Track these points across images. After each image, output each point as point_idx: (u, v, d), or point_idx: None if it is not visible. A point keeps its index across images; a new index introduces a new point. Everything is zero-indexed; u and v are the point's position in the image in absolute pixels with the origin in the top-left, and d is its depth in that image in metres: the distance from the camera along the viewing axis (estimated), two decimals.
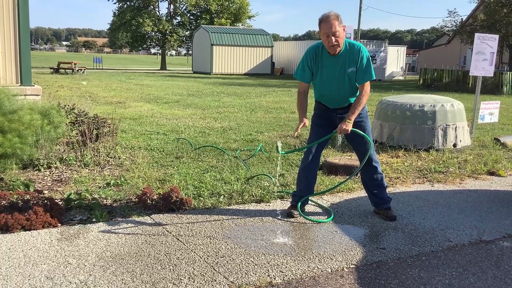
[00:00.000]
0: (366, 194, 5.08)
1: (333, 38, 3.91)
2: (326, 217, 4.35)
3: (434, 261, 3.50)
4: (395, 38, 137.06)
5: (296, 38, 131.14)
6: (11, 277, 3.05)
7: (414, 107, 7.46)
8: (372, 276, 3.22)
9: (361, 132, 4.17)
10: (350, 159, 6.22)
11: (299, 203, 4.35)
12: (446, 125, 7.42)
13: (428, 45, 72.37)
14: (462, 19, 36.32)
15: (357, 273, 3.26)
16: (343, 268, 3.34)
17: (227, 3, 48.29)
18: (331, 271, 3.29)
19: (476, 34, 8.64)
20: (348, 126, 4.03)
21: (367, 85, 4.12)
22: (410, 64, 50.70)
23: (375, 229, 4.11)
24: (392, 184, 5.56)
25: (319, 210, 4.60)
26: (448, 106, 7.51)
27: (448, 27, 36.62)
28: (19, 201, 4.16)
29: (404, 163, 6.51)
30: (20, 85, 7.44)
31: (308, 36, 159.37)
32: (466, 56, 40.69)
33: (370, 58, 4.13)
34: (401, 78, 36.80)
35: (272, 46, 37.07)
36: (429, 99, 7.81)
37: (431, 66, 29.23)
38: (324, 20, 3.93)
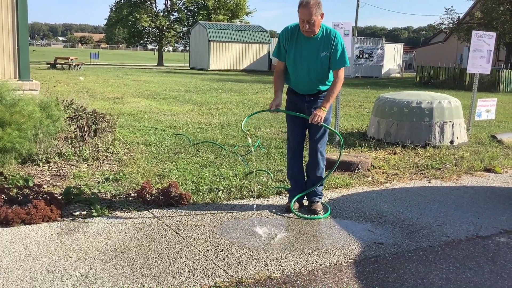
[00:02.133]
0: (364, 190, 5.14)
1: (307, 25, 3.94)
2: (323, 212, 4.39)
3: (432, 256, 3.54)
4: (392, 36, 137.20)
5: None
6: (12, 270, 3.07)
7: (412, 104, 7.50)
8: (370, 270, 3.25)
9: (333, 129, 4.39)
10: (348, 155, 6.25)
11: (292, 202, 4.38)
12: (443, 122, 7.46)
13: (425, 43, 72.48)
14: (459, 16, 36.41)
15: (355, 267, 3.29)
16: (341, 262, 3.37)
17: None
18: (330, 265, 3.32)
19: (474, 32, 8.67)
20: (323, 113, 4.07)
21: (341, 71, 4.16)
22: (407, 62, 50.78)
23: (373, 224, 4.15)
24: (390, 180, 5.59)
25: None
26: (445, 103, 7.55)
27: (445, 24, 36.68)
28: (19, 196, 4.17)
29: (401, 160, 6.55)
30: (18, 80, 7.43)
31: None
32: (463, 53, 40.79)
33: (345, 48, 4.18)
34: (398, 75, 36.88)
35: (269, 43, 37.05)
36: (426, 96, 7.85)
37: (428, 64, 29.27)
38: (303, 6, 3.92)
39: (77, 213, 4.19)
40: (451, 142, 7.51)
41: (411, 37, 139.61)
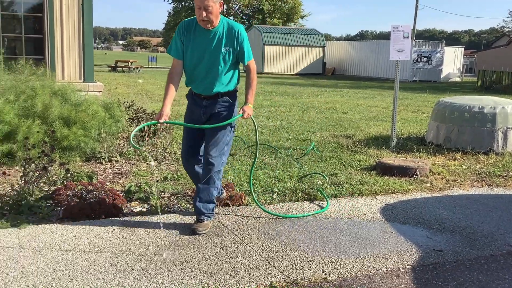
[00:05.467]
0: (422, 196, 5.02)
1: (204, 12, 3.60)
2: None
3: (493, 265, 3.41)
4: (452, 39, 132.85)
5: (348, 38, 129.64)
6: (77, 262, 3.23)
7: (473, 108, 7.25)
8: (428, 277, 3.18)
9: (254, 122, 4.22)
10: (405, 160, 6.13)
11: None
12: (507, 127, 7.16)
13: (486, 46, 69.76)
14: None
15: (413, 274, 3.23)
16: (399, 268, 3.32)
17: (279, 3, 48.39)
18: (387, 270, 3.27)
19: None
20: (250, 110, 3.88)
21: (253, 62, 3.95)
22: (468, 66, 48.98)
23: (432, 231, 4.05)
24: (449, 186, 5.44)
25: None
26: (509, 108, 7.25)
27: (508, 27, 35.19)
28: (84, 192, 4.37)
29: (461, 166, 6.34)
30: (83, 82, 7.78)
31: (361, 36, 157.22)
32: None
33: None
34: (458, 79, 35.66)
35: (324, 46, 36.81)
36: (489, 100, 7.56)
37: (490, 68, 28.15)
38: None
39: (138, 210, 4.34)
40: None
41: (471, 40, 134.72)
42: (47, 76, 6.62)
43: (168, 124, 5.90)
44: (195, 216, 3.95)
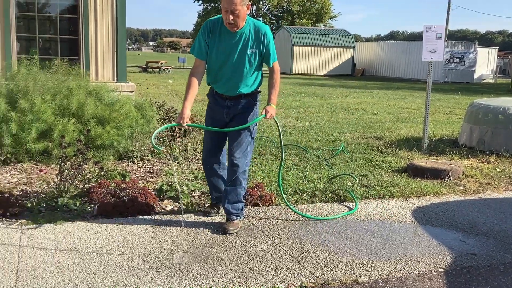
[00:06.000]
0: (455, 199, 4.94)
1: (231, 15, 3.52)
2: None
3: None
4: (485, 40, 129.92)
5: (378, 39, 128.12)
6: (111, 258, 3.30)
7: (508, 110, 7.08)
8: (461, 281, 3.13)
9: (278, 122, 4.13)
10: (437, 162, 6.03)
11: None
12: None
13: None
14: None
15: (446, 277, 3.19)
16: (431, 271, 3.28)
17: (309, 3, 48.22)
18: (419, 273, 3.24)
19: None
20: (274, 110, 3.80)
21: (277, 63, 3.90)
22: (501, 67, 47.84)
23: (465, 234, 3.98)
24: (483, 189, 5.33)
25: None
26: None
27: None
28: (117, 190, 4.46)
29: (495, 169, 6.21)
30: (116, 82, 7.93)
31: (391, 36, 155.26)
32: None
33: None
34: (491, 81, 34.87)
35: (353, 47, 36.52)
36: None
37: None
38: None
39: (169, 208, 4.41)
40: None
41: (506, 41, 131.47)
42: (82, 76, 6.77)
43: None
44: (225, 216, 3.99)
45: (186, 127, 3.79)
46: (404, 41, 40.11)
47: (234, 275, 3.12)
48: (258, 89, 3.98)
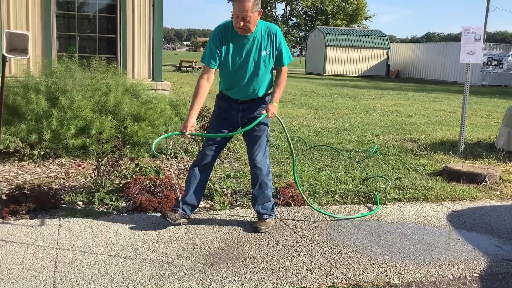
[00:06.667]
0: (491, 204, 4.84)
1: (242, 22, 3.47)
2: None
3: None
4: None
5: (414, 40, 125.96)
6: (146, 252, 3.37)
7: None
8: (497, 287, 3.07)
9: (280, 120, 4.00)
10: (474, 166, 5.91)
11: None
12: None
13: None
14: None
15: (480, 283, 3.13)
16: (465, 276, 3.22)
17: (343, 4, 47.84)
18: (453, 278, 3.19)
19: None
20: (275, 108, 3.72)
21: (286, 66, 3.84)
22: None
23: (501, 239, 3.90)
24: None
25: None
26: None
27: None
28: (152, 186, 4.54)
29: None
30: (151, 80, 8.06)
31: (427, 37, 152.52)
32: None
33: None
34: None
35: (388, 48, 36.04)
36: None
37: None
38: (237, 0, 3.47)
39: (202, 205, 4.46)
40: None
41: None
42: (119, 74, 6.91)
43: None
44: (257, 214, 4.02)
45: (189, 135, 3.75)
46: (441, 42, 39.30)
47: (266, 273, 3.14)
48: (270, 90, 3.94)
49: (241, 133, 3.85)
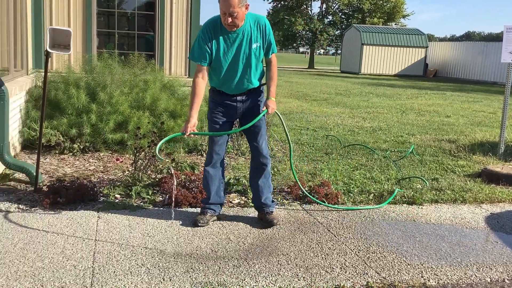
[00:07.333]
0: None
1: (229, 18, 3.44)
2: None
3: None
4: None
5: (453, 39, 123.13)
6: (182, 246, 3.43)
7: None
8: None
9: (279, 114, 3.94)
10: None
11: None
12: None
13: None
14: None
15: None
16: (504, 279, 3.15)
17: (381, 1, 47.17)
18: (491, 280, 3.12)
19: None
20: (274, 104, 3.71)
21: (274, 56, 3.82)
22: None
23: None
24: None
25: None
26: None
27: None
28: (187, 181, 4.61)
29: None
30: (187, 77, 8.15)
31: (467, 36, 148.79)
32: None
33: None
34: None
35: (426, 47, 35.33)
36: None
37: None
38: None
39: (236, 201, 4.50)
40: None
41: None
42: (156, 71, 7.03)
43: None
44: (264, 209, 3.98)
45: (192, 136, 3.81)
46: (481, 41, 38.29)
47: (299, 270, 3.14)
48: (263, 81, 3.94)
49: (242, 130, 3.85)
